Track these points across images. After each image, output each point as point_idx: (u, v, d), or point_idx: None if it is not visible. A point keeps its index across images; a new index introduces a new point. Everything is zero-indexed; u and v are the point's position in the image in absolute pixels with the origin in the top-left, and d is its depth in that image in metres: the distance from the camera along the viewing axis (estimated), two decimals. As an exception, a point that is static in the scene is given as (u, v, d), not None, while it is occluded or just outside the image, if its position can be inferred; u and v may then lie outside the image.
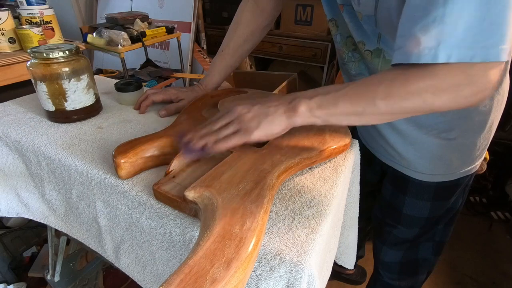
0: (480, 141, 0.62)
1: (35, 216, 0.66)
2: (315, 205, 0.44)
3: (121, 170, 0.47)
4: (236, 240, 0.32)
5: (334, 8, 0.61)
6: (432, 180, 0.66)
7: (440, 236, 0.77)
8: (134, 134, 0.61)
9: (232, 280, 0.29)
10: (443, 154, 0.62)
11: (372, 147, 0.75)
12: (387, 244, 0.83)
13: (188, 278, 0.28)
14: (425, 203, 0.69)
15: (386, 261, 0.86)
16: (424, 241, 0.78)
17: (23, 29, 1.08)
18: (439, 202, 0.69)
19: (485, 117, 0.59)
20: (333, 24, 0.64)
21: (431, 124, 0.59)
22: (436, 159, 0.63)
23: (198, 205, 0.38)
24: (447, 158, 0.63)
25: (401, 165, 0.68)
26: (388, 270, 0.88)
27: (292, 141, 0.51)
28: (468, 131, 0.60)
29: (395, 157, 0.68)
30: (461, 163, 0.64)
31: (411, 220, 0.74)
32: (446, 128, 0.59)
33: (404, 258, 0.82)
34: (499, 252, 1.42)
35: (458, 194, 0.70)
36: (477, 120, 0.59)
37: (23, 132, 0.61)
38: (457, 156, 0.63)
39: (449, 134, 0.60)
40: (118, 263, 0.57)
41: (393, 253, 0.83)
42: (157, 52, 2.15)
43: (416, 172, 0.66)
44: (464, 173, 0.65)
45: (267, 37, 2.12)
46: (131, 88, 0.73)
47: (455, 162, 0.63)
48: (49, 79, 0.59)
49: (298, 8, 1.96)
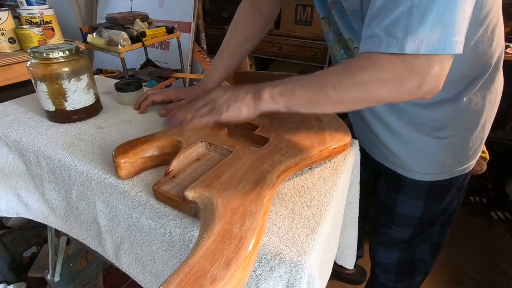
0: (472, 140, 0.61)
1: (35, 216, 0.66)
2: (315, 205, 0.44)
3: (121, 170, 0.47)
4: (236, 240, 0.32)
5: (325, 6, 0.62)
6: (424, 179, 0.65)
7: (436, 237, 0.77)
8: (134, 134, 0.61)
9: (232, 280, 0.29)
10: (435, 153, 0.62)
11: (367, 146, 0.74)
12: (382, 245, 0.82)
13: (188, 278, 0.28)
14: (418, 202, 0.69)
15: (382, 262, 0.85)
16: (420, 242, 0.77)
17: (23, 29, 1.08)
18: (432, 202, 0.69)
19: (477, 116, 0.59)
20: (325, 22, 0.64)
21: (424, 123, 0.59)
22: (429, 158, 0.63)
23: (198, 205, 0.38)
24: (440, 157, 0.62)
25: (395, 164, 0.68)
26: (384, 271, 0.87)
27: (292, 141, 0.51)
28: (461, 130, 0.60)
29: (388, 156, 0.68)
30: (454, 162, 0.63)
31: (404, 220, 0.73)
32: (438, 127, 0.59)
33: (400, 259, 0.81)
34: (499, 252, 1.42)
35: (453, 194, 0.69)
36: (469, 118, 0.59)
37: (23, 132, 0.61)
38: (450, 155, 0.62)
39: (441, 133, 0.59)
40: (118, 263, 0.57)
41: (388, 254, 0.83)
42: (157, 52, 2.14)
43: (409, 171, 0.66)
44: (457, 173, 0.65)
45: (267, 37, 2.11)
46: (131, 88, 0.73)
47: (447, 161, 0.63)
48: (49, 79, 0.59)
49: (298, 8, 1.96)
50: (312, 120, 0.58)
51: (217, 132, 0.53)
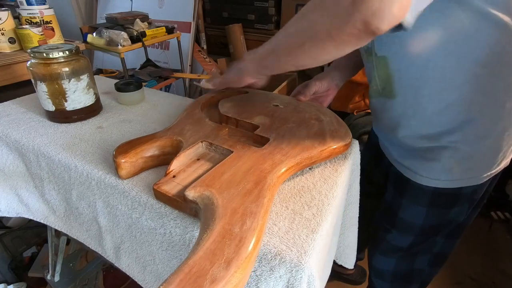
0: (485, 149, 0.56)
1: (35, 216, 0.66)
2: (315, 205, 0.44)
3: (121, 170, 0.47)
4: (236, 240, 0.32)
5: None
6: (429, 184, 0.62)
7: (439, 248, 0.74)
8: (134, 134, 0.61)
9: (232, 280, 0.29)
10: (442, 158, 0.59)
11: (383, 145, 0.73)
12: (380, 250, 0.81)
13: (187, 278, 0.28)
14: (421, 208, 0.66)
15: (378, 268, 0.84)
16: (420, 251, 0.75)
17: (23, 29, 1.08)
18: (435, 210, 0.66)
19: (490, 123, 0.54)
20: None
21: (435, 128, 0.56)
22: (435, 162, 0.60)
23: (198, 205, 0.38)
24: (446, 163, 0.59)
25: (403, 166, 0.66)
26: (380, 278, 0.85)
27: (293, 141, 0.51)
28: (471, 138, 0.55)
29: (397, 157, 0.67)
30: (462, 170, 0.59)
31: (405, 225, 0.71)
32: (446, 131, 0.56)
33: (396, 267, 0.79)
34: (499, 252, 1.42)
35: (462, 205, 0.65)
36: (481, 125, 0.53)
37: (23, 132, 0.61)
38: (457, 163, 0.58)
39: (449, 138, 0.56)
40: (118, 263, 0.57)
41: (385, 260, 0.81)
42: (157, 52, 2.15)
43: (416, 174, 0.63)
44: (466, 182, 0.60)
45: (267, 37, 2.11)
46: (131, 88, 0.73)
47: (455, 169, 0.59)
48: (49, 79, 0.59)
49: (298, 8, 1.96)
50: (312, 120, 0.58)
51: (218, 132, 0.53)
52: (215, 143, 0.50)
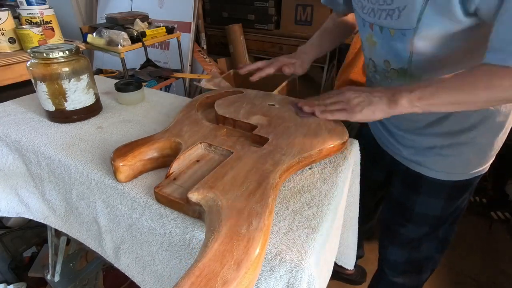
0: (497, 142, 0.63)
1: (35, 216, 0.66)
2: (315, 205, 0.44)
3: (120, 174, 0.47)
4: (244, 241, 0.32)
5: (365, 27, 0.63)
6: (449, 179, 0.67)
7: (443, 233, 0.78)
8: (134, 134, 0.61)
9: (243, 281, 0.29)
10: (461, 153, 0.63)
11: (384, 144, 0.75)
12: (394, 243, 0.84)
13: (199, 281, 0.28)
14: (438, 201, 0.70)
15: (392, 260, 0.87)
16: (427, 239, 0.78)
17: (23, 29, 1.08)
18: (451, 201, 0.70)
19: (505, 119, 0.61)
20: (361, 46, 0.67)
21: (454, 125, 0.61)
22: (455, 158, 0.64)
23: (202, 207, 0.38)
24: (465, 158, 0.64)
25: (415, 163, 0.68)
26: (393, 269, 0.88)
27: (291, 140, 0.51)
28: (488, 131, 0.61)
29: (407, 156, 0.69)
30: (477, 163, 0.65)
31: (422, 218, 0.74)
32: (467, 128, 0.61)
33: (410, 257, 0.83)
34: (499, 252, 1.42)
35: (470, 192, 0.72)
36: (498, 121, 0.60)
37: (23, 132, 0.61)
38: (475, 156, 0.64)
39: (469, 134, 0.61)
40: (118, 263, 0.57)
41: (399, 252, 0.84)
42: (157, 52, 2.14)
43: (431, 170, 0.67)
44: (477, 173, 0.67)
45: (267, 37, 2.12)
46: (131, 88, 0.73)
47: (473, 162, 0.65)
48: (49, 79, 0.59)
49: (298, 8, 1.96)
50: (309, 119, 0.58)
51: (216, 133, 0.53)
52: (214, 144, 0.50)
